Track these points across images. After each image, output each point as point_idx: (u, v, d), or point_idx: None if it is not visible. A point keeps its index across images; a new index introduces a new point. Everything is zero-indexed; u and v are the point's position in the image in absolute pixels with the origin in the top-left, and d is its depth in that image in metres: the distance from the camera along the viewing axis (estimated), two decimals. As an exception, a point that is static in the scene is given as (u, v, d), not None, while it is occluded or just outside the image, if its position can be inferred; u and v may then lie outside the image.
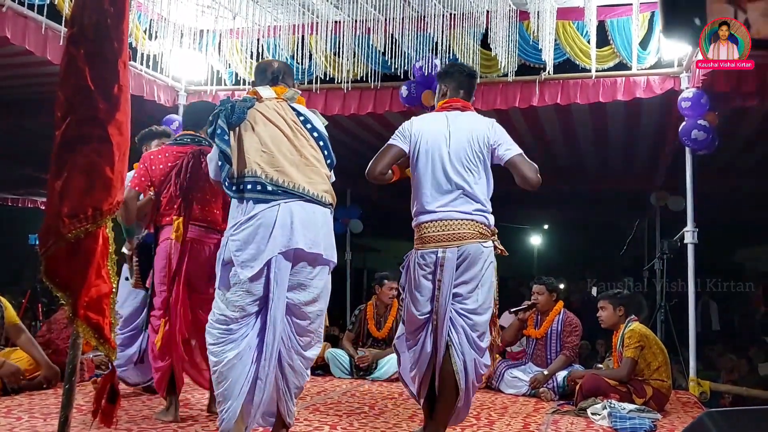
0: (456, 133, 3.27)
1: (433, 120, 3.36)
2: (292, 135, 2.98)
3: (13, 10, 4.92)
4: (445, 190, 3.23)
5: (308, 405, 4.27)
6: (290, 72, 3.32)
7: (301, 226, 2.86)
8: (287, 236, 2.83)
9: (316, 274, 2.96)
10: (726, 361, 7.05)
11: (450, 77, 3.45)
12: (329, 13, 6.29)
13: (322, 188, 2.98)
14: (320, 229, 2.94)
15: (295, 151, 2.96)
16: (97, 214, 2.14)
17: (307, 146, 3.00)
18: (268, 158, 2.90)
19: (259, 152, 2.90)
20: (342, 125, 7.90)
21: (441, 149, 3.25)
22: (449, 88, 3.43)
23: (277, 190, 2.87)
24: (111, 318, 2.19)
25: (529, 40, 6.04)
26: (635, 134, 7.94)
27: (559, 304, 5.45)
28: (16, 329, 4.58)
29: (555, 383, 5.05)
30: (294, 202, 2.88)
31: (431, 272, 3.21)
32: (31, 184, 11.49)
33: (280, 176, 2.88)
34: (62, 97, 2.19)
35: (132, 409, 3.88)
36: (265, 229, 2.82)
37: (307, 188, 2.92)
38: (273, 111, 3.01)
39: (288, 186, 2.88)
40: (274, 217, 2.83)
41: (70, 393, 2.18)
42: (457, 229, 3.19)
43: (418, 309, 3.25)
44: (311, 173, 2.96)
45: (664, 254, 6.93)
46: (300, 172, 2.93)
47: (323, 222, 2.97)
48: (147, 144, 4.49)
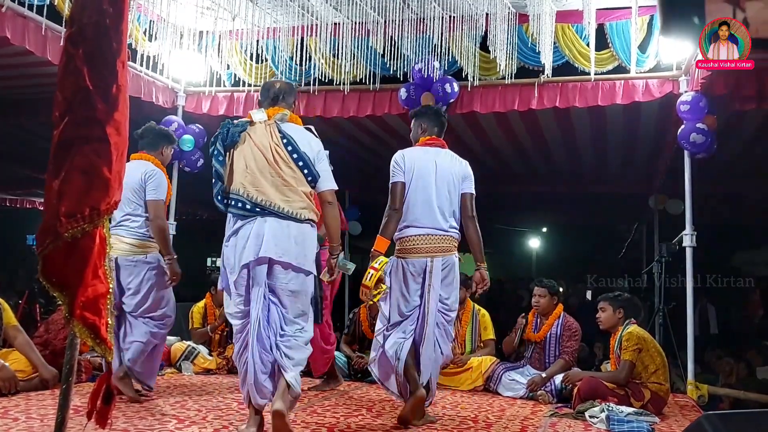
0: (441, 166, 3.99)
1: (422, 153, 4.02)
2: (273, 158, 3.35)
3: (12, 11, 4.91)
4: (431, 211, 3.91)
5: (306, 407, 4.26)
6: (291, 91, 3.63)
7: (273, 238, 3.27)
8: (258, 246, 3.25)
9: (290, 279, 3.34)
10: (724, 365, 7.04)
11: (427, 117, 4.15)
12: (328, 15, 6.29)
13: (298, 206, 3.35)
14: (292, 241, 3.32)
15: (275, 173, 3.34)
16: (94, 213, 2.14)
17: (285, 168, 3.35)
18: (251, 179, 3.32)
19: (244, 173, 3.33)
20: (341, 127, 7.90)
21: (430, 178, 3.93)
22: (427, 127, 4.11)
23: (255, 208, 3.30)
24: (107, 318, 2.18)
25: (528, 42, 6.04)
26: (634, 137, 7.95)
27: (559, 307, 5.44)
28: (14, 330, 4.57)
29: (553, 386, 5.04)
30: (269, 218, 3.29)
31: (421, 277, 3.88)
32: (29, 184, 11.48)
33: (259, 195, 3.30)
34: (60, 97, 2.19)
35: (129, 411, 3.87)
36: (242, 241, 3.29)
37: (283, 206, 3.31)
38: (261, 134, 3.39)
39: (265, 204, 3.30)
40: (249, 230, 3.29)
41: (67, 394, 2.17)
42: (440, 243, 3.91)
43: (406, 307, 3.92)
44: (289, 192, 3.33)
45: (663, 257, 6.93)
46: (278, 191, 3.32)
47: (297, 234, 3.34)
48: (166, 146, 4.61)
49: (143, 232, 4.34)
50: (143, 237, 4.34)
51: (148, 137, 4.55)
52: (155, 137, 4.58)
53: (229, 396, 4.61)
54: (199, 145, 7.12)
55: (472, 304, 5.79)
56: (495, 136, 8.10)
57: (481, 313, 5.80)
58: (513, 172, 9.97)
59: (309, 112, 6.91)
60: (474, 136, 8.09)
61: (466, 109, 6.44)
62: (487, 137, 8.17)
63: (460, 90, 6.31)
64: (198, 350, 5.86)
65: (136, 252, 4.32)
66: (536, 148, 8.69)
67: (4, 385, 4.19)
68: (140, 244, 4.34)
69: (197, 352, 5.84)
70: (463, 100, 6.39)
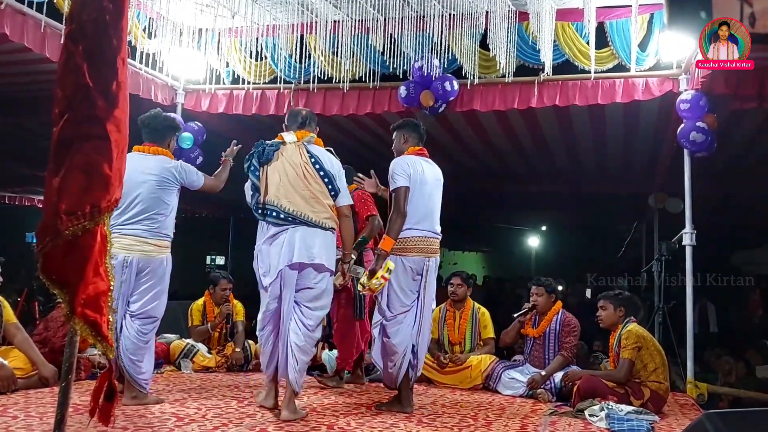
0: (430, 174, 4.33)
1: (417, 162, 4.31)
2: (303, 174, 3.89)
3: (11, 7, 4.91)
4: (431, 215, 4.28)
5: (306, 405, 4.26)
6: (314, 117, 4.21)
7: (303, 245, 3.83)
8: (291, 253, 3.81)
9: (319, 278, 3.92)
10: (723, 364, 7.03)
11: (410, 128, 4.43)
12: (328, 13, 6.29)
13: (323, 216, 3.90)
14: (320, 245, 3.88)
15: (305, 187, 3.88)
16: (95, 211, 2.13)
17: (313, 183, 3.89)
18: (284, 191, 3.86)
19: (278, 186, 3.87)
20: (340, 125, 7.90)
21: (424, 185, 4.25)
22: (410, 138, 4.40)
23: (288, 217, 3.84)
24: (109, 315, 2.18)
25: (528, 40, 6.04)
26: (634, 136, 7.95)
27: (558, 304, 5.44)
28: (13, 328, 4.57)
29: (552, 384, 5.05)
30: (300, 227, 3.84)
31: (419, 275, 4.23)
32: (28, 182, 11.46)
33: (291, 206, 3.84)
34: (60, 94, 2.18)
35: (128, 409, 3.87)
36: (277, 248, 3.84)
37: (311, 216, 3.86)
38: (291, 153, 3.94)
39: (296, 214, 3.84)
40: (284, 239, 3.83)
41: (66, 391, 2.17)
42: (435, 245, 4.31)
43: (405, 301, 4.22)
44: (316, 204, 3.88)
45: (663, 256, 6.93)
46: (307, 203, 3.86)
47: (322, 240, 3.91)
48: (173, 137, 4.38)
49: (165, 233, 4.12)
50: (164, 237, 4.12)
51: (155, 127, 4.25)
52: (164, 129, 4.27)
53: (228, 394, 4.60)
54: (198, 142, 7.11)
55: (472, 302, 5.79)
56: (494, 134, 8.10)
57: (481, 312, 5.80)
58: (512, 170, 9.96)
59: (308, 110, 6.90)
60: (473, 134, 8.09)
61: (466, 107, 6.44)
62: (486, 135, 8.17)
63: (460, 88, 6.30)
64: (197, 348, 5.85)
65: (160, 253, 4.10)
66: (536, 146, 8.69)
67: (3, 383, 4.18)
68: (162, 245, 4.12)
69: (196, 350, 5.83)
70: (462, 98, 6.38)
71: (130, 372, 4.00)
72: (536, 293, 5.46)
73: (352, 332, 5.11)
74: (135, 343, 4.00)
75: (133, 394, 4.01)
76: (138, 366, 4.02)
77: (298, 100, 6.86)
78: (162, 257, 4.12)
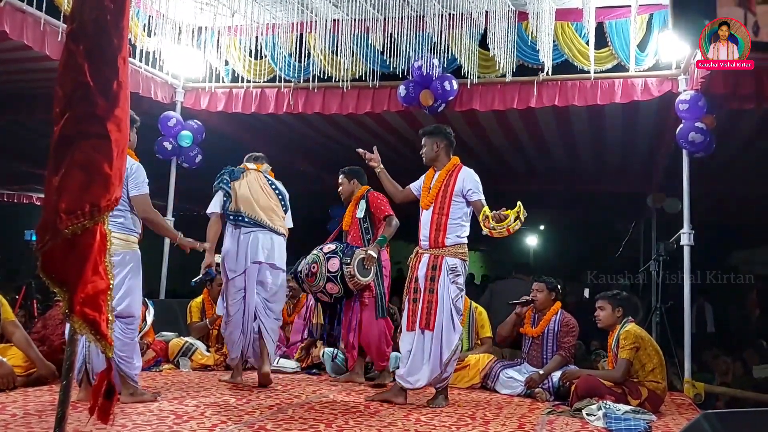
0: None
1: None
2: (263, 192, 4.95)
3: (11, 5, 4.91)
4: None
5: (303, 403, 4.27)
6: (266, 158, 5.19)
7: (262, 246, 4.84)
8: (254, 253, 4.81)
9: (273, 276, 4.92)
10: (720, 363, 7.05)
11: (443, 136, 4.64)
12: (328, 12, 6.29)
13: (279, 224, 4.95)
14: (276, 248, 4.91)
15: (265, 200, 4.93)
16: (94, 210, 2.13)
17: (271, 200, 4.97)
18: (249, 204, 4.85)
19: (244, 199, 4.85)
20: (339, 124, 7.90)
21: None
22: (442, 146, 4.63)
23: (251, 222, 4.84)
24: (108, 314, 2.18)
25: (527, 40, 6.05)
26: (632, 136, 7.95)
27: (557, 304, 5.44)
28: (12, 326, 4.56)
29: (550, 384, 5.06)
30: (260, 231, 4.85)
31: None
32: (27, 179, 11.45)
33: (254, 214, 4.85)
34: (61, 93, 2.18)
35: (127, 407, 3.87)
36: (243, 248, 4.80)
37: (269, 223, 4.88)
38: (255, 176, 4.98)
39: (258, 220, 4.85)
40: (248, 240, 4.82)
41: (67, 390, 2.17)
42: None
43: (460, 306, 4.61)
44: (272, 214, 4.94)
45: (660, 256, 6.94)
46: (265, 213, 4.89)
47: (278, 244, 4.94)
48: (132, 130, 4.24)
49: (128, 226, 4.10)
50: (128, 231, 4.11)
51: None
52: None
53: (227, 392, 4.61)
54: (197, 141, 7.11)
55: (469, 301, 5.79)
56: (494, 133, 8.10)
57: (478, 311, 5.80)
58: (511, 169, 9.98)
59: (307, 109, 6.90)
60: (473, 133, 8.10)
61: (465, 106, 6.45)
62: (485, 135, 8.17)
63: (460, 88, 6.31)
64: (196, 346, 5.86)
65: (123, 247, 4.04)
66: (535, 146, 8.70)
67: (2, 381, 4.18)
68: (127, 238, 4.10)
69: (195, 348, 5.84)
70: (462, 97, 6.39)
71: (124, 369, 4.02)
72: (537, 289, 5.47)
73: (380, 332, 5.22)
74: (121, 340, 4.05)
75: (130, 392, 4.03)
76: (129, 362, 4.06)
77: (297, 99, 6.87)
78: (128, 251, 4.09)
